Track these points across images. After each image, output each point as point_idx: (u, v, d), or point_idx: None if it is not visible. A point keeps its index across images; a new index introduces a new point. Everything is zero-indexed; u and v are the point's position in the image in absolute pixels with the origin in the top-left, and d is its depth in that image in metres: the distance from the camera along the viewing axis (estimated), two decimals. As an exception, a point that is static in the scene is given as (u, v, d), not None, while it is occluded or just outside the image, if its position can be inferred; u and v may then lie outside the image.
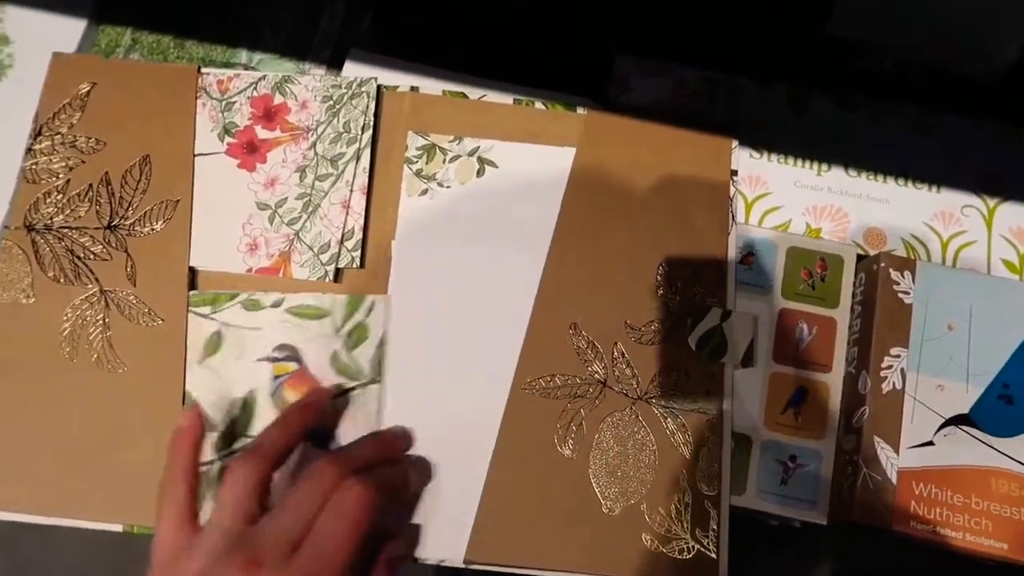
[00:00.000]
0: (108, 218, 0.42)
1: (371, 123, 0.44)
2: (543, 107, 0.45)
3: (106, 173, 0.43)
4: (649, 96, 0.46)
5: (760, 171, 0.45)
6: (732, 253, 0.42)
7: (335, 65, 0.47)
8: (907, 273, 0.39)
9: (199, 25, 0.48)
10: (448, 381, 0.40)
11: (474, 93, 0.45)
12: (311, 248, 0.42)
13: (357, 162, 0.43)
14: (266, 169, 0.43)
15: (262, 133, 0.44)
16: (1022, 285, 0.41)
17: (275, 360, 0.40)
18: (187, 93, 0.44)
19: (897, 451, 0.37)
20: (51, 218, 0.42)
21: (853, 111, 0.46)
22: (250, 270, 0.42)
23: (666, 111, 0.45)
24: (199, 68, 0.45)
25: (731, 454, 0.39)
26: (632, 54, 0.47)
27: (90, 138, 0.43)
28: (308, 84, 0.45)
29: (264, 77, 0.45)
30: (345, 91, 0.44)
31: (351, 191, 0.43)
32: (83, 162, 0.43)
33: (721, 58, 0.47)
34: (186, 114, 0.44)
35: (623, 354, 0.40)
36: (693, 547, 0.38)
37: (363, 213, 0.42)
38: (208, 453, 0.39)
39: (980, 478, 0.37)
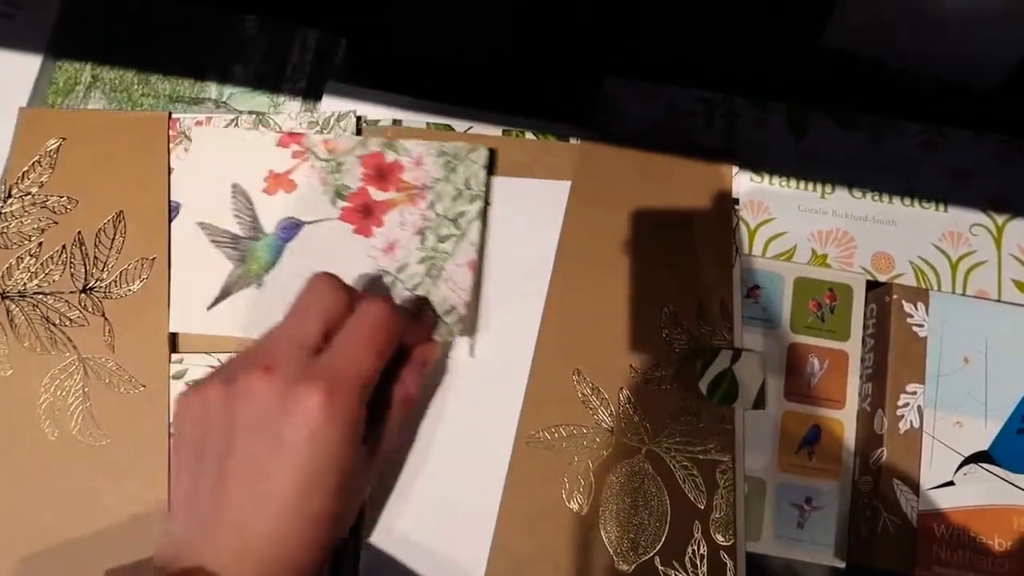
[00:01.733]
0: (83, 281, 0.40)
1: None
2: (534, 137, 0.42)
3: (79, 233, 0.40)
4: (641, 120, 0.44)
5: (762, 196, 0.43)
6: (738, 286, 0.40)
7: (311, 96, 0.45)
8: (920, 305, 0.38)
9: (164, 59, 0.45)
10: (447, 438, 0.38)
11: (458, 124, 0.43)
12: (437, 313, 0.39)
13: (482, 221, 0.40)
14: (384, 233, 0.40)
15: (376, 195, 0.41)
16: (1037, 312, 0.39)
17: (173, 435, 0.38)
18: (158, 141, 0.42)
19: (917, 493, 0.36)
20: (24, 284, 0.40)
21: (854, 130, 0.44)
22: None
23: (661, 136, 0.43)
24: (170, 114, 0.42)
25: (745, 499, 0.38)
26: (621, 76, 0.45)
27: (62, 196, 0.41)
28: (419, 140, 0.41)
29: (366, 141, 0.41)
30: (462, 146, 0.41)
31: (478, 251, 0.40)
32: (55, 223, 0.40)
33: (713, 77, 0.46)
34: (159, 164, 0.41)
35: (629, 399, 0.38)
36: None
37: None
38: None
39: (1002, 518, 0.36)
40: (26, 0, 0.46)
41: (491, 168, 0.42)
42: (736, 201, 0.42)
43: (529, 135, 0.42)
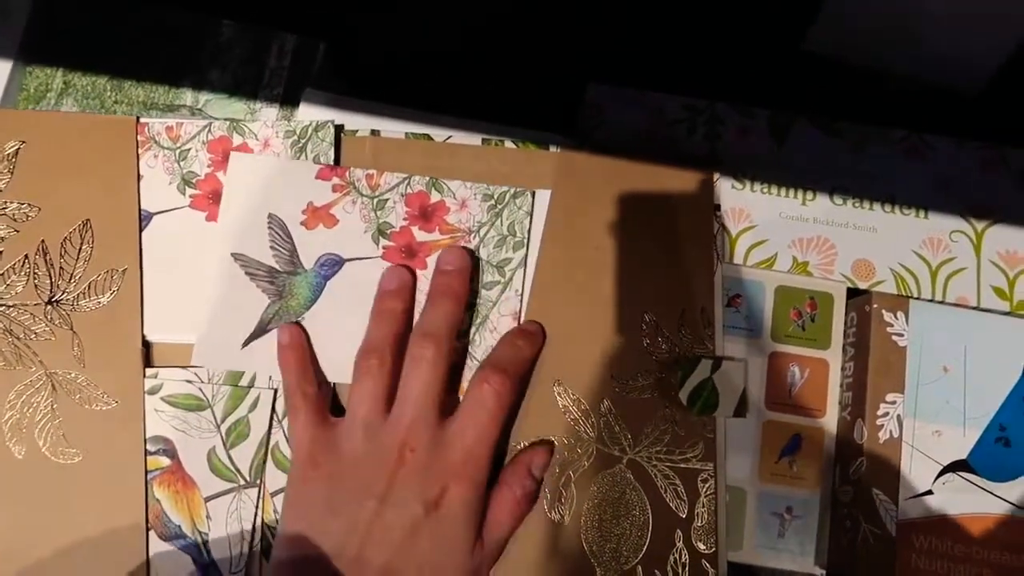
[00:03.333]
0: (48, 292, 0.38)
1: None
2: (513, 146, 0.42)
3: (43, 242, 0.39)
4: (625, 127, 0.44)
5: (743, 203, 0.43)
6: (719, 294, 0.40)
7: (288, 103, 0.44)
8: (900, 314, 0.38)
9: (138, 64, 0.45)
10: None
11: (438, 131, 0.42)
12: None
13: (525, 268, 0.40)
14: (427, 276, 0.39)
15: (420, 235, 0.40)
16: (1015, 321, 0.40)
17: (148, 453, 0.37)
18: (126, 147, 0.40)
19: (896, 503, 0.36)
20: None
21: (836, 137, 0.44)
22: None
23: (643, 143, 0.43)
24: (138, 119, 0.41)
25: (726, 509, 0.38)
26: (605, 83, 0.45)
27: (22, 204, 0.39)
28: (463, 181, 0.41)
29: (410, 179, 0.40)
30: (507, 190, 0.40)
31: (522, 301, 0.39)
32: (16, 231, 0.39)
33: (696, 82, 0.45)
34: (127, 170, 0.40)
35: (611, 409, 0.38)
36: None
37: None
38: None
39: (981, 526, 0.36)
40: (-4, 3, 0.45)
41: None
42: (718, 208, 0.42)
43: (509, 144, 0.42)
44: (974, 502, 0.36)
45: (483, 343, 0.39)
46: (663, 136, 0.44)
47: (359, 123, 0.42)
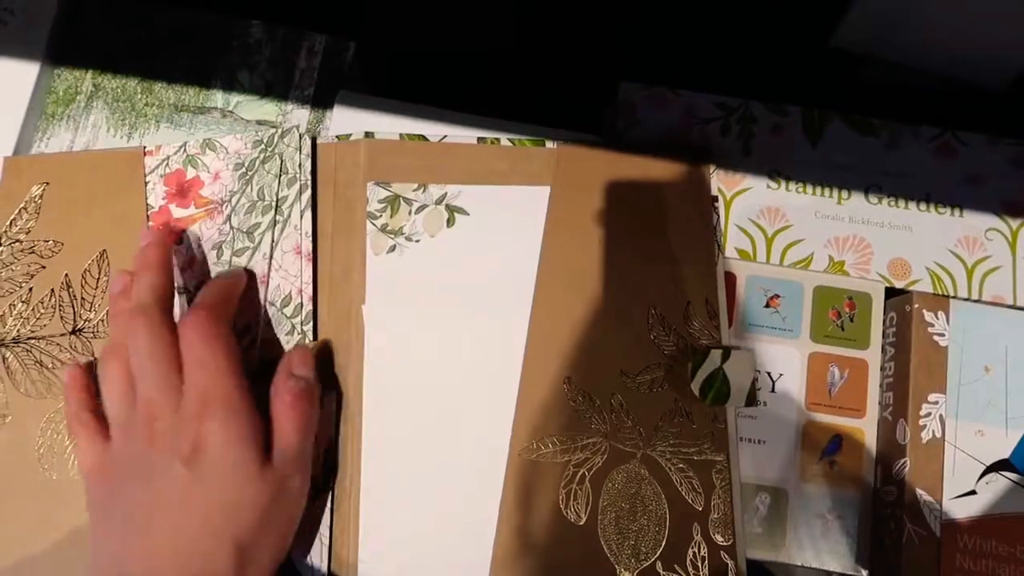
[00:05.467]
0: (72, 323, 0.39)
1: (304, 180, 0.40)
2: (510, 144, 0.42)
3: (66, 276, 0.40)
4: (658, 126, 0.44)
5: (778, 203, 0.43)
6: (721, 284, 0.40)
7: (320, 104, 0.44)
8: (941, 314, 0.38)
9: (168, 67, 0.44)
10: (439, 456, 0.38)
11: (468, 132, 0.42)
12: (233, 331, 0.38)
13: (274, 229, 0.40)
14: (183, 250, 0.40)
15: (177, 212, 0.40)
16: (1056, 320, 0.40)
17: None
18: (135, 178, 0.41)
19: (940, 503, 0.36)
20: (18, 330, 0.39)
21: (870, 135, 0.44)
22: None
23: (674, 142, 0.43)
24: (144, 149, 0.41)
25: (768, 508, 0.38)
26: (637, 81, 0.44)
27: (47, 240, 0.40)
28: (220, 152, 0.41)
29: (180, 150, 0.41)
30: (257, 155, 0.41)
31: (269, 264, 0.39)
32: (43, 267, 0.40)
33: (727, 79, 0.45)
34: (136, 201, 0.41)
35: (622, 404, 0.38)
36: None
37: (311, 283, 0.39)
38: None
39: (1024, 526, 0.36)
40: (22, 4, 0.45)
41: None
42: (716, 199, 0.42)
43: (505, 141, 0.42)
44: (1018, 502, 0.36)
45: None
46: (696, 135, 0.44)
47: (392, 124, 0.42)
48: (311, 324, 0.39)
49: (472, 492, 0.37)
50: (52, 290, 0.40)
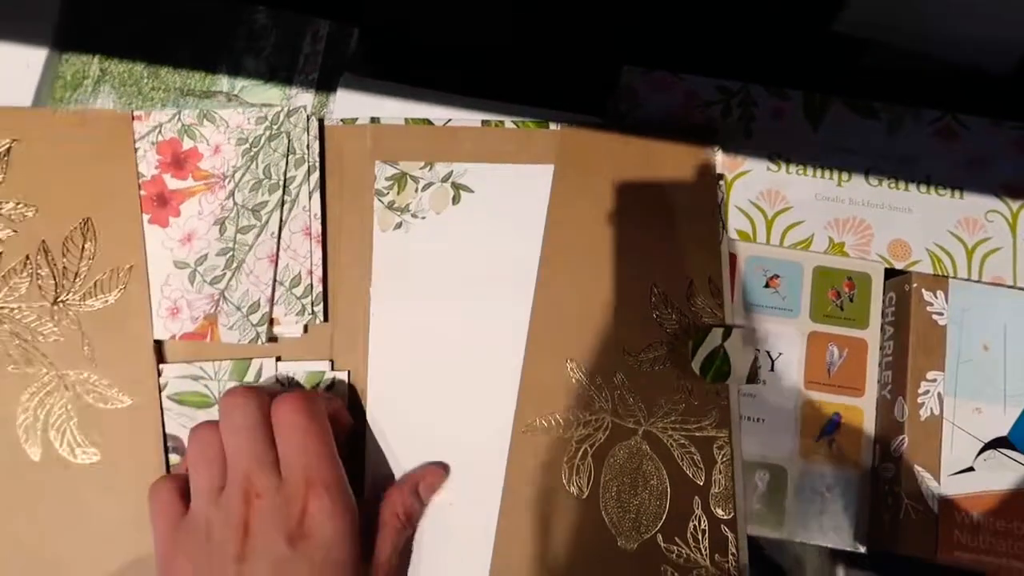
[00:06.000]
0: (54, 293, 0.38)
1: (313, 162, 0.40)
2: (514, 127, 0.42)
3: (43, 242, 0.38)
4: (659, 110, 0.44)
5: (779, 185, 0.43)
6: (726, 263, 0.40)
7: (324, 89, 0.44)
8: (940, 293, 0.38)
9: (174, 52, 0.45)
10: (443, 432, 0.38)
11: (471, 115, 0.42)
12: (239, 309, 0.38)
13: (282, 208, 0.39)
14: (180, 223, 0.40)
15: (172, 183, 0.40)
16: (1055, 299, 0.40)
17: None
18: (124, 143, 0.40)
19: (938, 479, 0.36)
20: None
21: (871, 118, 0.44)
22: (173, 337, 0.38)
23: (674, 125, 0.43)
24: (132, 113, 0.41)
25: (767, 486, 0.38)
26: (639, 65, 0.45)
27: (18, 203, 0.39)
28: (220, 126, 0.41)
29: (174, 118, 0.41)
30: (263, 132, 0.40)
31: (278, 244, 0.39)
32: (14, 232, 0.39)
33: (728, 64, 0.45)
34: (126, 167, 0.40)
35: (624, 382, 0.39)
36: (714, 574, 0.37)
37: (320, 264, 0.39)
38: None
39: (1022, 502, 0.36)
40: (30, -9, 0.45)
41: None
42: (720, 177, 0.42)
43: (509, 124, 0.42)
44: (1015, 478, 0.36)
45: (239, 287, 0.39)
46: (698, 118, 0.44)
47: (395, 108, 0.43)
48: (321, 305, 0.39)
49: (476, 468, 0.38)
50: (27, 257, 0.38)
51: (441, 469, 0.38)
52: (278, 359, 0.39)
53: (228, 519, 0.31)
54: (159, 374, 0.38)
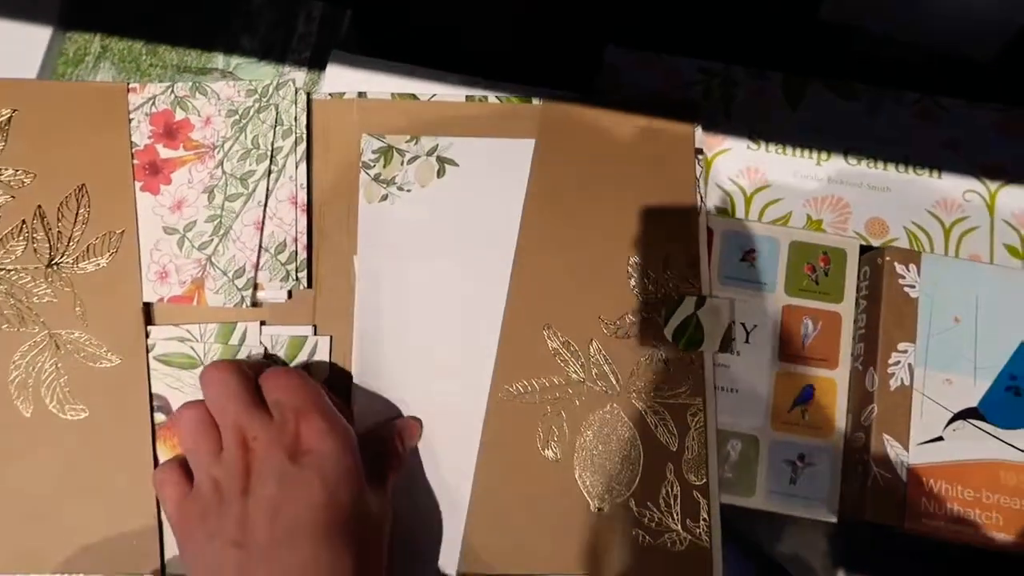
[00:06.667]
0: (48, 256, 0.40)
1: (300, 133, 0.42)
2: (497, 101, 0.43)
3: (39, 207, 0.40)
4: (641, 88, 0.45)
5: (758, 163, 0.44)
6: (703, 236, 0.41)
7: (316, 66, 0.46)
8: (912, 266, 0.39)
9: (173, 30, 0.46)
10: (424, 397, 0.39)
11: (455, 91, 0.43)
12: (225, 273, 0.40)
13: (268, 178, 0.41)
14: (171, 191, 0.41)
15: (164, 152, 0.42)
16: (1027, 274, 0.40)
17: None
18: (118, 113, 0.42)
19: (907, 448, 0.37)
20: None
21: (851, 99, 0.45)
22: (162, 299, 0.40)
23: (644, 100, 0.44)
24: (128, 85, 0.43)
25: (739, 455, 0.39)
26: (623, 45, 0.46)
27: (16, 170, 0.41)
28: (212, 98, 0.42)
29: (167, 90, 0.43)
30: (252, 104, 0.42)
31: (264, 211, 0.40)
32: (12, 197, 0.40)
33: (714, 47, 0.46)
34: (120, 136, 0.41)
35: (600, 351, 0.39)
36: (685, 538, 0.38)
37: (305, 232, 0.41)
38: None
39: (990, 472, 0.36)
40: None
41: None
42: (700, 151, 0.43)
43: (492, 99, 0.43)
44: (984, 448, 0.37)
45: (226, 253, 0.40)
46: (679, 97, 0.45)
47: (383, 83, 0.44)
48: (305, 272, 0.40)
49: (454, 431, 0.39)
50: (23, 221, 0.40)
51: (416, 423, 0.39)
52: (262, 323, 0.40)
53: (230, 469, 0.32)
54: (147, 336, 0.39)
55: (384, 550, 0.34)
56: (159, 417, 0.39)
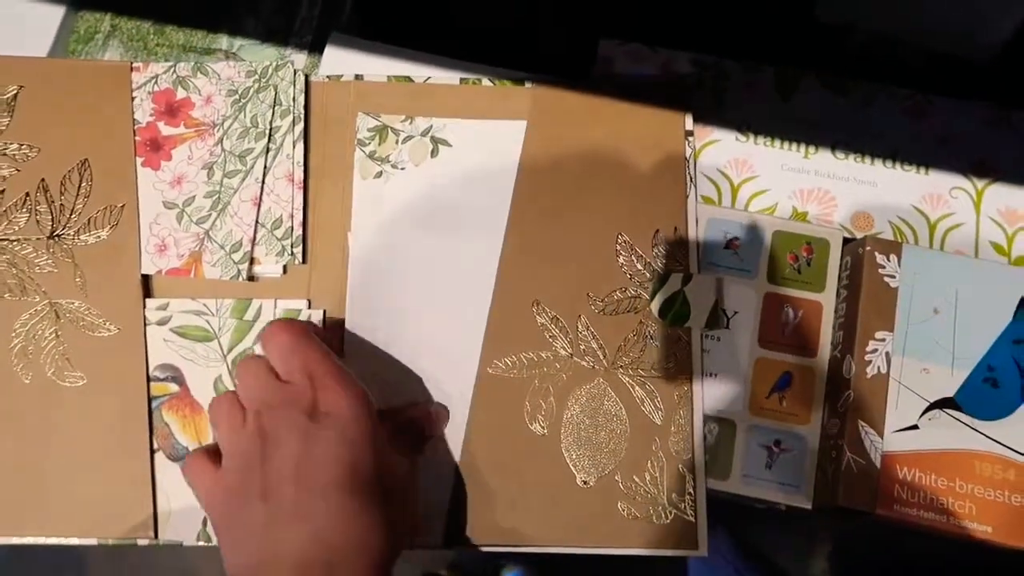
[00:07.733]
0: (50, 227, 0.41)
1: (298, 113, 0.43)
2: (491, 84, 0.44)
3: (43, 180, 0.41)
4: (634, 80, 0.46)
5: (746, 155, 0.44)
6: (692, 215, 0.42)
7: (317, 50, 0.47)
8: (893, 256, 0.39)
9: (179, 11, 0.48)
10: (414, 370, 0.40)
11: (450, 75, 0.44)
12: (222, 247, 0.41)
13: (266, 156, 0.42)
14: (171, 167, 0.42)
15: (165, 130, 0.43)
16: (1007, 268, 0.41)
17: (156, 380, 0.40)
18: (122, 91, 0.43)
19: (881, 435, 0.37)
20: None
21: (842, 94, 0.45)
22: (160, 272, 0.41)
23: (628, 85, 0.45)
24: (131, 64, 0.44)
25: (716, 438, 0.39)
26: (617, 38, 0.47)
27: (22, 144, 0.42)
28: (212, 78, 0.43)
29: (169, 70, 0.44)
30: (252, 84, 0.43)
31: (262, 188, 0.42)
32: (17, 170, 0.42)
33: (708, 42, 0.47)
34: (123, 113, 0.43)
35: (587, 327, 0.40)
36: (670, 512, 0.38)
37: (301, 208, 0.42)
38: None
39: (964, 461, 0.37)
40: (52, -47, 0.49)
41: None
42: (691, 132, 0.43)
43: (486, 82, 0.44)
44: (959, 438, 0.37)
45: (223, 227, 0.41)
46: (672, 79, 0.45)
47: (380, 66, 0.45)
48: (300, 247, 0.41)
49: (444, 404, 0.40)
50: (27, 193, 0.41)
51: (444, 411, 0.39)
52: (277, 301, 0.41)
53: (252, 435, 0.33)
54: (144, 306, 0.40)
55: (408, 510, 0.35)
56: (172, 387, 0.40)
